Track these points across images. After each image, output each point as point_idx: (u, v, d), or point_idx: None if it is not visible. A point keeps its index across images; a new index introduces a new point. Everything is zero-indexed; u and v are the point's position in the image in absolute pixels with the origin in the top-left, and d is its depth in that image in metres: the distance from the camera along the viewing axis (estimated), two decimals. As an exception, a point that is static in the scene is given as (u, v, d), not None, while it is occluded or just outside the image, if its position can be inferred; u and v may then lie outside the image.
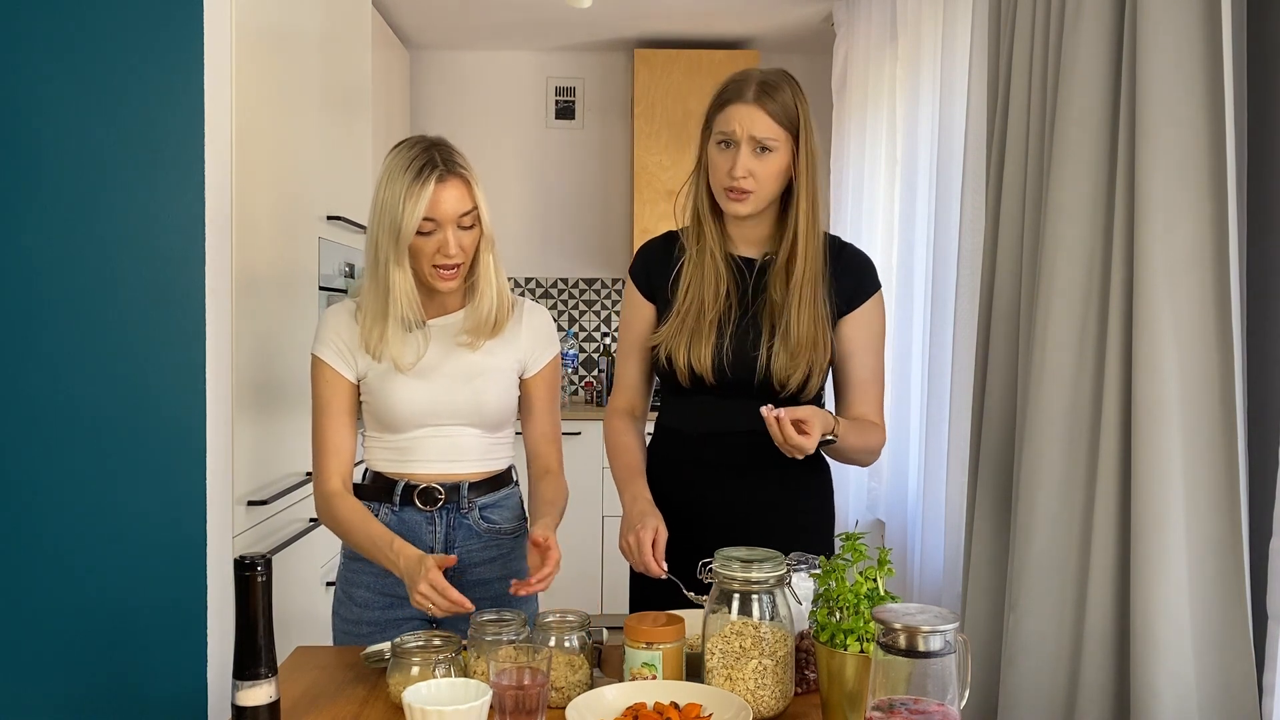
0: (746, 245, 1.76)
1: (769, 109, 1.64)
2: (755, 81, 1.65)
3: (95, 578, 1.91)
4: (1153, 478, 1.53)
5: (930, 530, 2.79)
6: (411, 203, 1.57)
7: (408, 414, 1.67)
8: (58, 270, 1.89)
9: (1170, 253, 1.53)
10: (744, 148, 1.64)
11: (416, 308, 1.64)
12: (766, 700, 1.28)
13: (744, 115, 1.64)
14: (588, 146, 4.89)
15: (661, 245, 1.82)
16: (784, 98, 1.65)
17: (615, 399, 1.84)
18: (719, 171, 1.67)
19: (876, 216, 3.50)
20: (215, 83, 1.92)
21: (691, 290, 1.71)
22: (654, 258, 1.80)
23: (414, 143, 1.63)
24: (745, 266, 1.74)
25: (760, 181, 1.65)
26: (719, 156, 1.67)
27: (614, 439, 1.79)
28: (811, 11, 4.19)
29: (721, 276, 1.72)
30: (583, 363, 4.93)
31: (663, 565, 1.55)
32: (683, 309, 1.71)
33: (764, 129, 1.63)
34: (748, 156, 1.64)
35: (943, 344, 2.68)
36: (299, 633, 2.41)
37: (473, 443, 1.71)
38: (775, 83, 1.66)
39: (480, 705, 1.16)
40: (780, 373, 1.67)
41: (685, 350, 1.69)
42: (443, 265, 1.61)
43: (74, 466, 1.90)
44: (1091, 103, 1.69)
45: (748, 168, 1.64)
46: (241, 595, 1.16)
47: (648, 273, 1.79)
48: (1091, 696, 1.66)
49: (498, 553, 1.76)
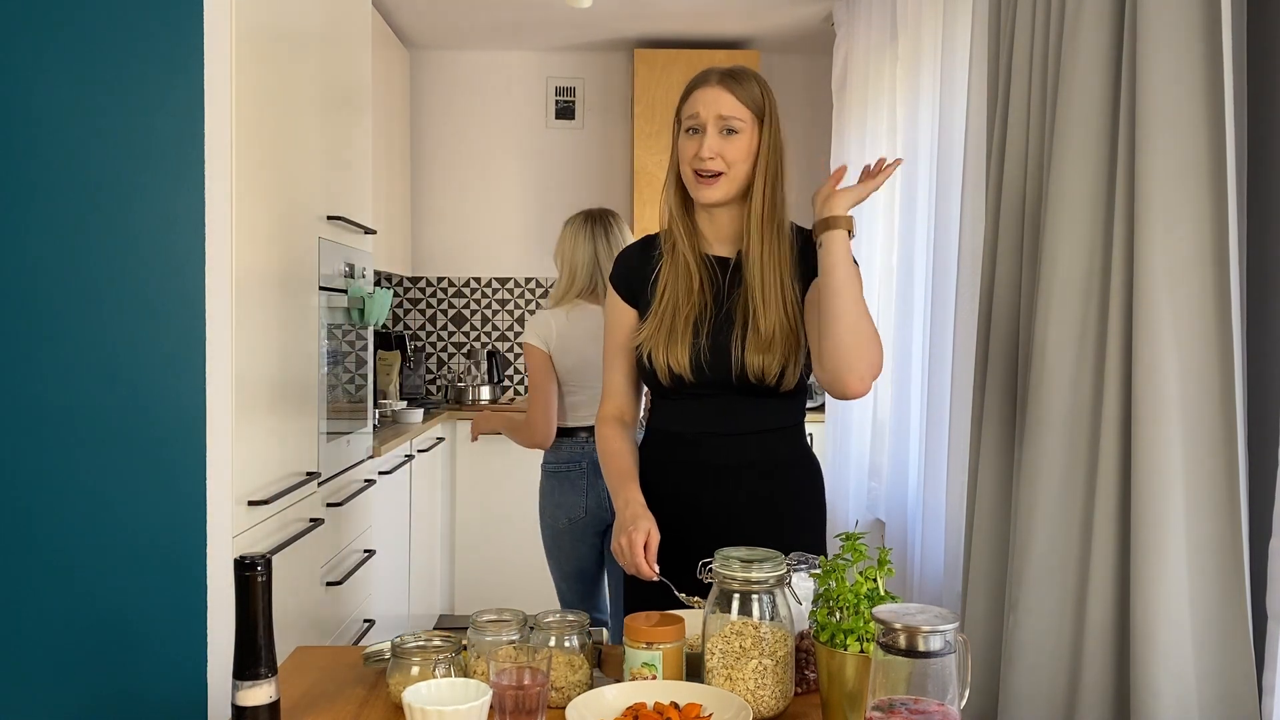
0: (720, 244, 1.77)
1: (733, 90, 1.68)
2: (719, 70, 1.71)
3: (95, 577, 1.91)
4: (1153, 478, 1.53)
5: (930, 530, 2.79)
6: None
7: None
8: (58, 270, 1.89)
9: (1170, 253, 1.53)
10: (710, 129, 1.67)
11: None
12: (766, 700, 1.28)
13: (709, 97, 1.68)
14: (588, 146, 4.89)
15: (639, 250, 1.84)
16: (748, 84, 1.69)
17: (604, 405, 1.85)
18: (687, 156, 1.69)
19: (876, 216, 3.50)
20: (215, 83, 1.92)
21: (668, 291, 1.73)
22: (632, 263, 1.82)
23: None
24: (719, 265, 1.75)
25: (729, 163, 1.67)
26: (688, 143, 1.70)
27: (605, 445, 1.80)
28: (811, 11, 4.19)
29: (694, 275, 1.73)
30: (583, 363, 4.93)
31: (654, 567, 1.55)
32: (659, 310, 1.72)
33: (729, 107, 1.66)
34: (714, 138, 1.67)
35: (943, 344, 2.68)
36: (299, 633, 2.41)
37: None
38: (739, 72, 1.71)
39: (480, 705, 1.16)
40: (755, 366, 1.68)
41: (664, 350, 1.70)
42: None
43: (74, 466, 1.90)
44: (1091, 103, 1.69)
45: (715, 148, 1.66)
46: (241, 595, 1.16)
47: (627, 278, 1.81)
48: (1091, 696, 1.66)
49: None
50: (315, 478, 2.49)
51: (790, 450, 1.80)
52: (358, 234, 3.05)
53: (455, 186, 4.88)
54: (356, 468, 3.05)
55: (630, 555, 1.56)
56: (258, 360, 2.12)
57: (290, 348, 2.35)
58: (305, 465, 2.46)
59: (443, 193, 4.88)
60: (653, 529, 1.59)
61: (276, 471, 2.25)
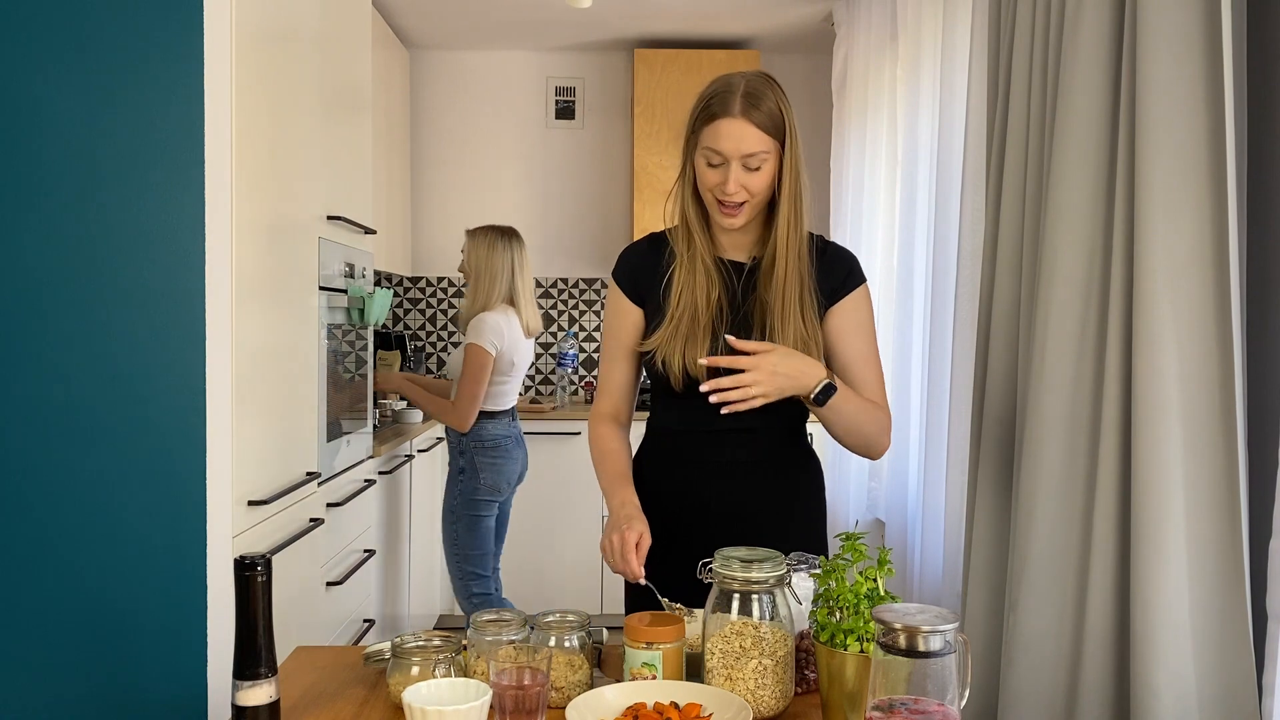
0: (734, 249, 1.76)
1: (756, 120, 1.61)
2: (740, 93, 1.62)
3: (95, 577, 1.91)
4: (1153, 477, 1.53)
5: (930, 530, 2.79)
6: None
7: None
8: (58, 271, 1.89)
9: (1170, 252, 1.53)
10: (734, 164, 1.62)
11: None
12: (766, 700, 1.28)
13: (734, 132, 1.61)
14: (588, 146, 4.89)
15: (646, 249, 1.81)
16: (769, 105, 1.62)
17: (600, 404, 1.83)
18: (710, 186, 1.66)
19: (876, 216, 3.50)
20: (215, 83, 1.92)
21: (684, 296, 1.72)
22: (640, 262, 1.80)
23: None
24: (734, 270, 1.75)
25: (753, 192, 1.65)
26: (710, 172, 1.65)
27: (601, 444, 1.78)
28: (811, 11, 4.19)
29: (713, 281, 1.72)
30: (583, 363, 4.94)
31: (641, 570, 1.55)
32: (676, 314, 1.71)
33: (753, 143, 1.61)
34: (739, 172, 1.62)
35: (943, 344, 2.68)
36: (299, 633, 2.41)
37: None
38: (759, 91, 1.62)
39: (480, 705, 1.16)
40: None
41: (680, 355, 1.69)
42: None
43: (74, 466, 1.90)
44: (1091, 103, 1.69)
45: (740, 182, 1.63)
46: (241, 595, 1.16)
47: (634, 277, 1.79)
48: (1091, 696, 1.66)
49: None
50: (315, 478, 2.49)
51: (795, 449, 1.81)
52: (358, 234, 3.05)
53: (455, 187, 4.88)
54: (356, 468, 3.05)
55: (621, 552, 1.56)
56: (258, 360, 2.12)
57: (290, 348, 2.35)
58: (305, 465, 2.46)
59: (443, 193, 4.88)
60: (645, 532, 1.58)
61: (276, 471, 2.25)
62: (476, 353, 3.28)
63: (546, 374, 4.94)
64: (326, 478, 2.69)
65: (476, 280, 3.37)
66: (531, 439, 4.24)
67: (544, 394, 4.94)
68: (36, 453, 1.90)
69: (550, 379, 4.94)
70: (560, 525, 4.28)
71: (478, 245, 3.38)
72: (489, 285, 3.35)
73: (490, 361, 3.29)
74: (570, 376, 4.81)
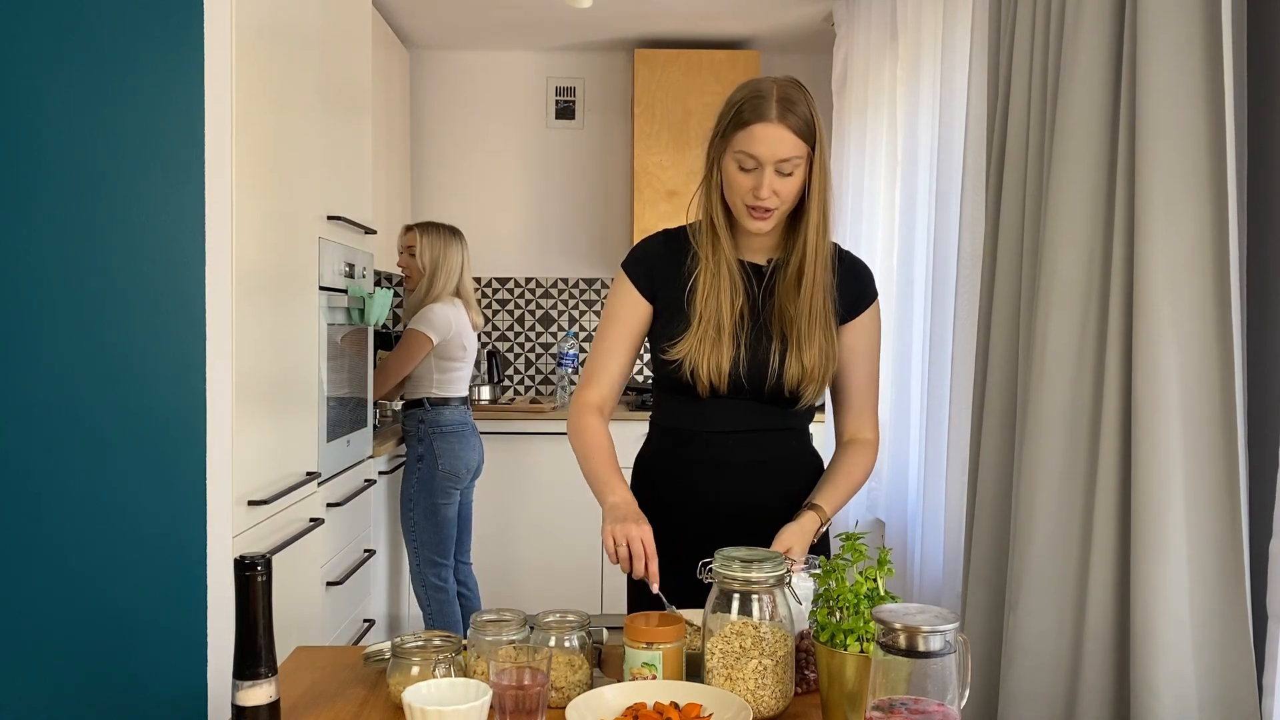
0: (754, 252, 1.76)
1: (792, 125, 1.61)
2: (775, 98, 1.62)
3: (95, 577, 1.91)
4: (1153, 477, 1.53)
5: (930, 530, 2.79)
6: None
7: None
8: (58, 270, 1.89)
9: (1170, 253, 1.53)
10: (769, 169, 1.62)
11: None
12: (766, 700, 1.28)
13: (770, 137, 1.61)
14: (588, 146, 4.89)
15: (663, 245, 1.80)
16: (802, 110, 1.63)
17: (587, 393, 1.77)
18: (741, 190, 1.66)
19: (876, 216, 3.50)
20: (215, 82, 1.92)
21: (710, 301, 1.71)
22: (658, 258, 1.79)
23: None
24: (754, 273, 1.75)
25: (783, 198, 1.66)
26: (741, 177, 1.65)
27: (589, 435, 1.73)
28: (811, 11, 4.19)
29: (738, 287, 1.72)
30: (582, 363, 4.94)
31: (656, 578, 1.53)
32: (702, 320, 1.71)
33: (789, 149, 1.61)
34: (773, 178, 1.63)
35: (943, 344, 2.68)
36: (299, 633, 2.41)
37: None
38: (793, 96, 1.63)
39: (480, 705, 1.16)
40: (792, 381, 1.70)
41: (706, 362, 1.69)
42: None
43: (74, 466, 1.90)
44: (1091, 103, 1.69)
45: (773, 187, 1.63)
46: (241, 595, 1.16)
47: (649, 273, 1.78)
48: (1091, 696, 1.66)
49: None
50: (315, 478, 2.49)
51: (798, 449, 1.82)
52: (358, 234, 3.05)
53: (455, 187, 4.88)
54: (356, 468, 3.06)
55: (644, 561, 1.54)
56: (258, 360, 2.12)
57: (290, 348, 2.35)
58: (305, 465, 2.46)
59: (443, 193, 4.88)
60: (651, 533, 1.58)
61: (276, 471, 2.25)
62: (416, 337, 3.44)
63: (546, 374, 4.95)
64: (326, 478, 2.70)
65: (433, 274, 3.54)
66: (532, 439, 4.24)
67: (544, 394, 4.94)
68: (36, 452, 1.90)
69: (550, 379, 4.94)
70: (560, 525, 4.28)
71: (434, 241, 3.55)
72: (444, 279, 3.54)
73: (427, 349, 3.44)
74: (570, 376, 4.81)
